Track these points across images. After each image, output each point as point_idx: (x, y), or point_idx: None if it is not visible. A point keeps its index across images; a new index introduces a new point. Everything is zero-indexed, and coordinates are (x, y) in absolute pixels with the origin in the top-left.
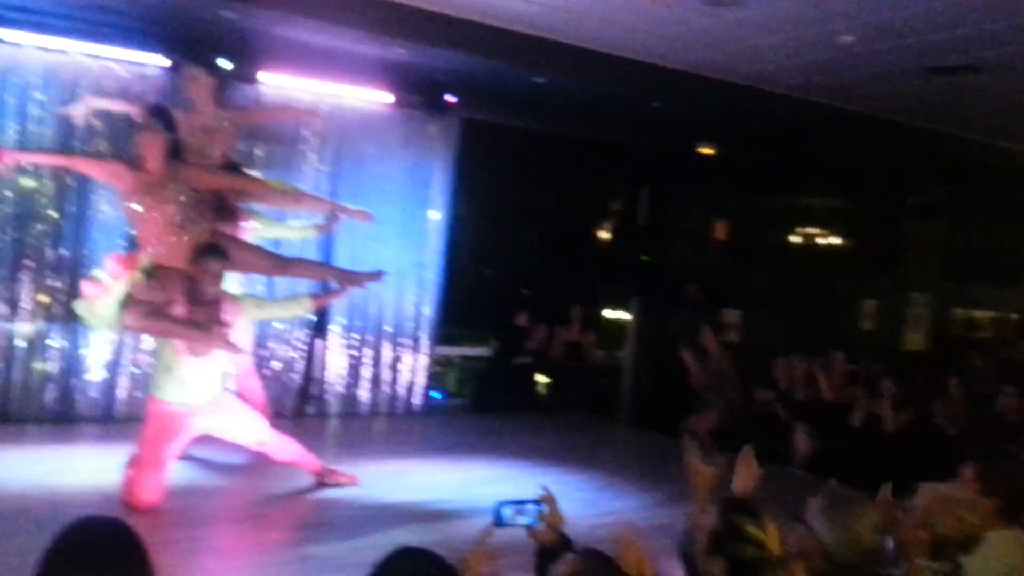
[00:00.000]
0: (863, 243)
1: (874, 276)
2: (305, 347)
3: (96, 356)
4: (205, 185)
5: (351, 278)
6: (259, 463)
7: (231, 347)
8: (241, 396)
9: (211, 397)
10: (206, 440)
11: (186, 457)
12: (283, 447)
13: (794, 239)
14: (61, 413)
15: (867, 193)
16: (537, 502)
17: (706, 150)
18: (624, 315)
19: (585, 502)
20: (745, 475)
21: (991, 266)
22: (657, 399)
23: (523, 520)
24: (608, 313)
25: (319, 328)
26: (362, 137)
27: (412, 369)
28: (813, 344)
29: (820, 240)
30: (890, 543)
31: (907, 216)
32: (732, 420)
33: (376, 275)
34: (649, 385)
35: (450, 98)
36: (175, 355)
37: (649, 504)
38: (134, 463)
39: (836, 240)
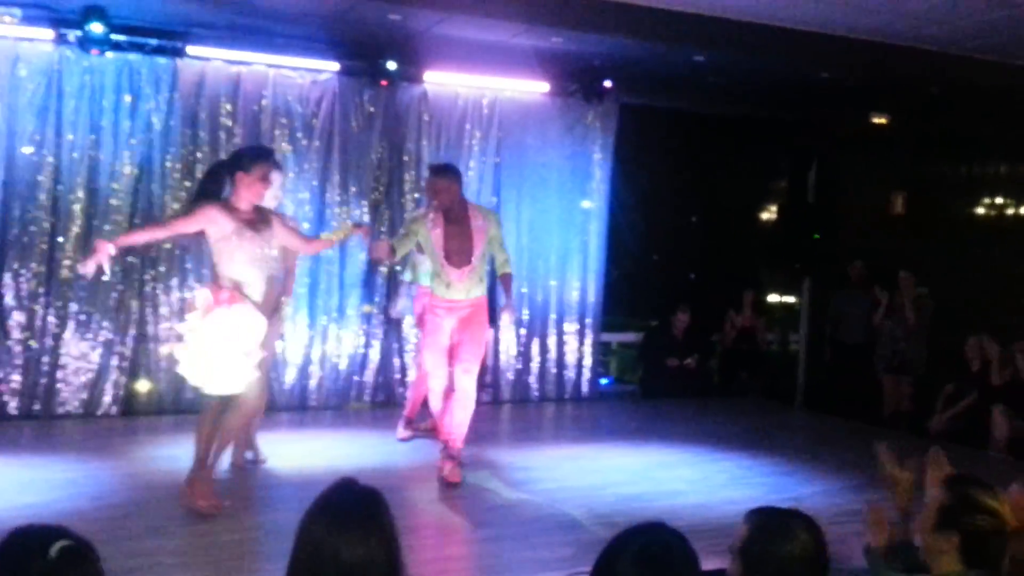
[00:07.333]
0: None
1: None
2: None
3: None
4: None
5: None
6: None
7: None
8: None
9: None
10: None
11: None
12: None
13: (979, 210)
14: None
15: None
16: None
17: (879, 120)
18: (789, 298)
19: (771, 487)
20: (937, 475)
21: None
22: (833, 382)
23: None
24: (773, 296)
25: (490, 318)
26: (523, 128)
27: (579, 355)
28: (1005, 322)
29: (1009, 211)
30: None
31: None
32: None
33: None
34: (825, 368)
35: (607, 83)
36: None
37: (834, 490)
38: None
39: None
